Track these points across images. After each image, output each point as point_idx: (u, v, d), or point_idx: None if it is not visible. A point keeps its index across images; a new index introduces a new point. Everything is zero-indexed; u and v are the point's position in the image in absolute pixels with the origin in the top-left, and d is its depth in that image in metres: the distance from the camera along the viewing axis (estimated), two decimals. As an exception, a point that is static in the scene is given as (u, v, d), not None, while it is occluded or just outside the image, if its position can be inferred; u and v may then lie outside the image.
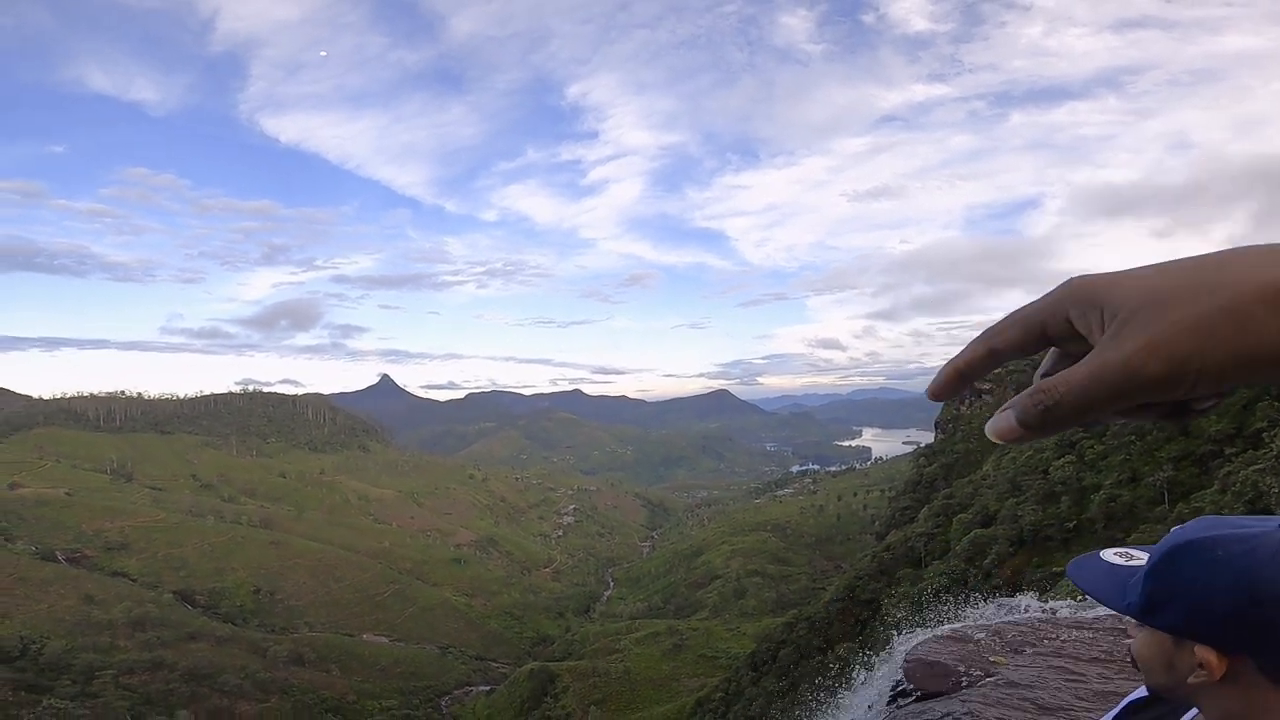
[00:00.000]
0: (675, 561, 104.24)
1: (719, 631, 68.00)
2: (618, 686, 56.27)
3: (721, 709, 43.57)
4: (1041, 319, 0.35)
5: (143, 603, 64.07)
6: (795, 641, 42.97)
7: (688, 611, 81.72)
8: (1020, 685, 3.12)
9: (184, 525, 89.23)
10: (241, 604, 74.09)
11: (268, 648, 58.50)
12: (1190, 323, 0.30)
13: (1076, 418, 0.33)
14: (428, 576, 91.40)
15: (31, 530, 79.09)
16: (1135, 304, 0.32)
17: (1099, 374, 0.32)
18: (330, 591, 79.78)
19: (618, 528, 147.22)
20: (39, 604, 59.98)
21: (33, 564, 68.12)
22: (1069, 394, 0.32)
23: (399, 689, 57.34)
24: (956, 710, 2.94)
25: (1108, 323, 0.32)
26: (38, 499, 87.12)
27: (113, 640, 54.77)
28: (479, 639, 75.42)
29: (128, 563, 77.66)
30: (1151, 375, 0.31)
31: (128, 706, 37.78)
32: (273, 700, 48.22)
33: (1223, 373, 0.31)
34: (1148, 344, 0.31)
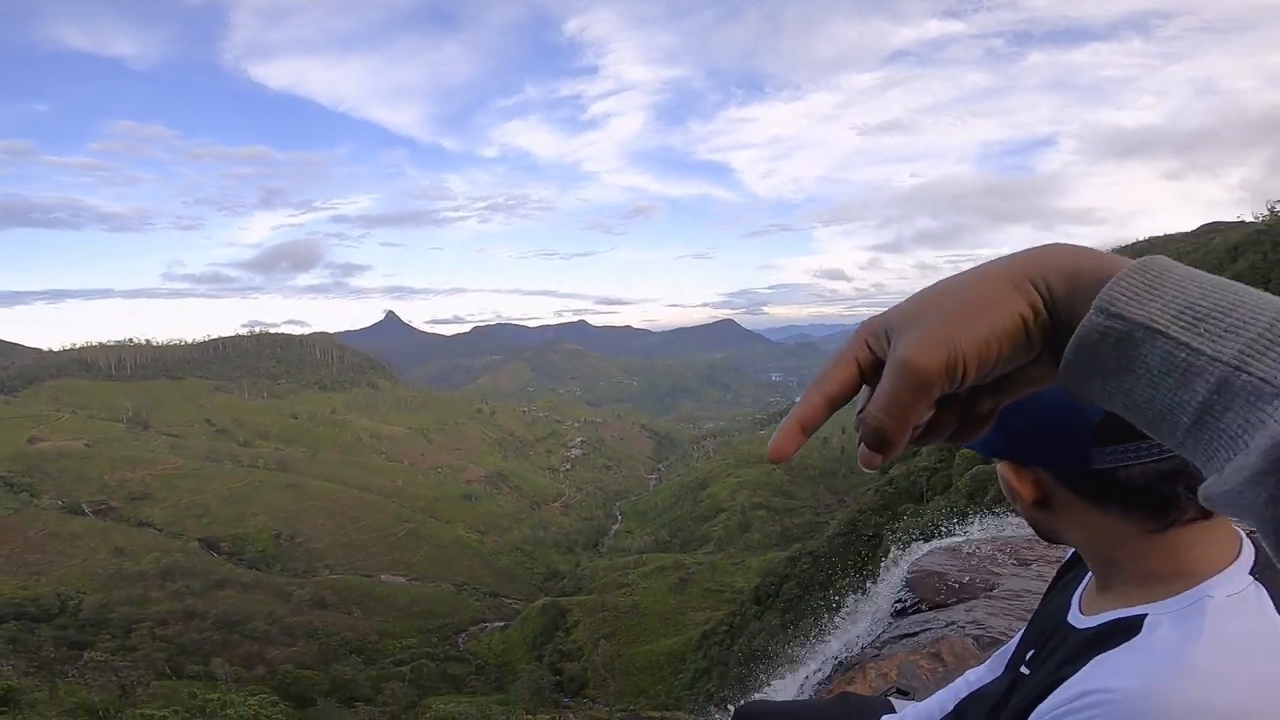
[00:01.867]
0: (681, 494, 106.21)
1: (724, 566, 69.62)
2: (626, 620, 58.17)
3: (726, 642, 44.81)
4: (853, 356, 0.39)
5: (170, 552, 66.74)
6: (798, 576, 43.70)
7: (694, 545, 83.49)
8: (1025, 595, 3.11)
9: (203, 471, 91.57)
10: (264, 549, 76.78)
11: (291, 592, 61.07)
12: (944, 317, 0.36)
13: (899, 427, 0.37)
14: (440, 514, 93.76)
15: (55, 484, 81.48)
16: (905, 318, 0.38)
17: (890, 380, 0.37)
18: (347, 533, 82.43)
19: (624, 460, 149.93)
20: (71, 559, 62.56)
21: (61, 518, 70.51)
22: (878, 410, 0.37)
23: (417, 627, 59.81)
24: (961, 619, 2.92)
25: (891, 340, 0.38)
26: (58, 452, 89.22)
27: (145, 592, 57.28)
28: (492, 575, 78.17)
29: (152, 512, 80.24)
30: (927, 364, 0.36)
31: (165, 658, 39.86)
32: (299, 644, 50.53)
33: (980, 355, 0.36)
34: (917, 341, 0.36)
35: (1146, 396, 0.33)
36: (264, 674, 39.06)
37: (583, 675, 49.64)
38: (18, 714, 13.83)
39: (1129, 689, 0.68)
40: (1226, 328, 0.31)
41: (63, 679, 17.07)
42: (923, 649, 2.76)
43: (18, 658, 25.41)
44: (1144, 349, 0.33)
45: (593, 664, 51.27)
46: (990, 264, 0.38)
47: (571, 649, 54.25)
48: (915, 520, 36.68)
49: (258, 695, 18.81)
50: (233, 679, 33.76)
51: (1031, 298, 0.36)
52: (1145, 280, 0.34)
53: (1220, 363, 0.30)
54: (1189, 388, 0.31)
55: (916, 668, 2.63)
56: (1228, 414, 0.30)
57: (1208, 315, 0.32)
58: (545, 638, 56.64)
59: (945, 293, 0.38)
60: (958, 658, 2.59)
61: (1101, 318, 0.33)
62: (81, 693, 16.71)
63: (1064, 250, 0.37)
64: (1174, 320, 0.32)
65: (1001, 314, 0.36)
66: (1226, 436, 0.30)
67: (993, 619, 2.89)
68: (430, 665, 48.94)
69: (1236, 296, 0.32)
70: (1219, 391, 0.30)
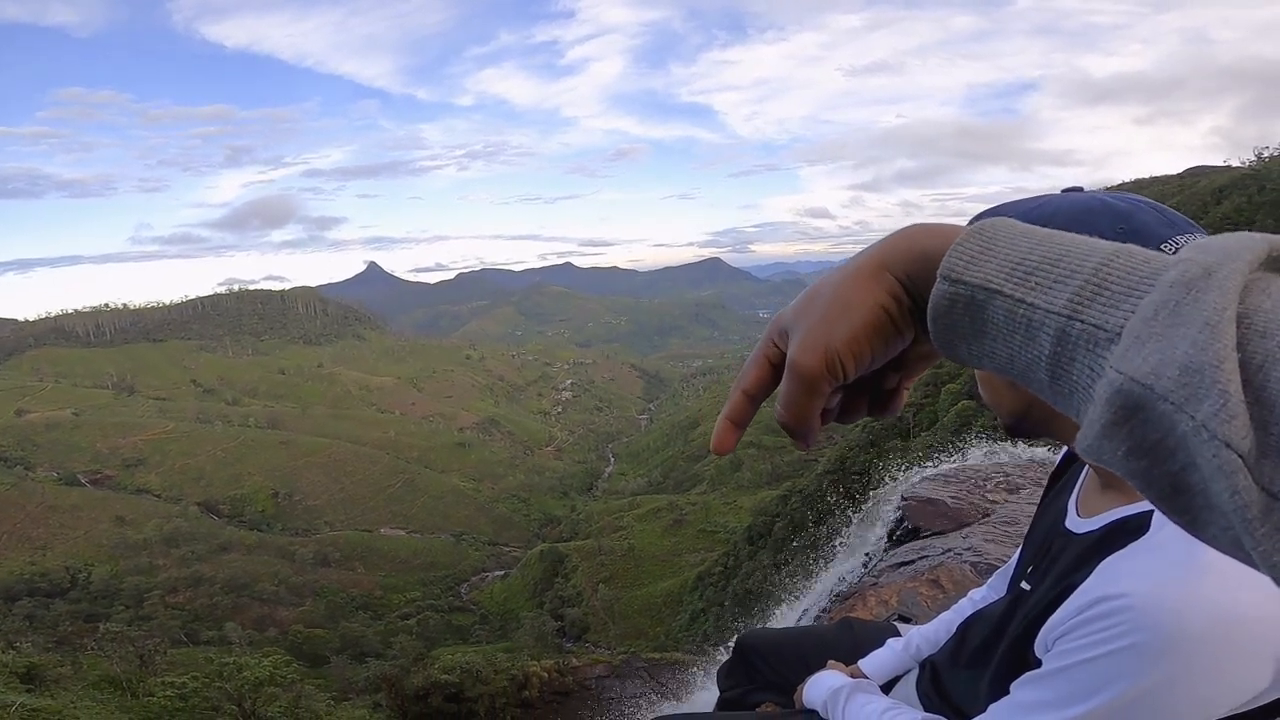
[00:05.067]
0: (673, 434, 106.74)
1: (716, 506, 70.49)
2: (623, 564, 59.01)
3: (721, 583, 45.65)
4: (765, 354, 0.42)
5: (171, 518, 67.31)
6: (789, 514, 43.75)
7: (686, 485, 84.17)
8: (1019, 522, 3.15)
9: (194, 434, 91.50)
10: (263, 509, 77.60)
11: (294, 551, 62.18)
12: (816, 319, 0.39)
13: (800, 422, 0.40)
14: (434, 463, 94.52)
15: (49, 455, 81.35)
16: (792, 320, 0.41)
17: (786, 381, 0.40)
18: (344, 488, 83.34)
19: (615, 401, 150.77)
20: (74, 531, 63.10)
21: (58, 490, 70.65)
22: (780, 408, 0.40)
23: (420, 580, 61.20)
24: (958, 546, 2.96)
25: (790, 339, 0.41)
26: (47, 423, 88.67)
27: (151, 560, 58.01)
28: (489, 524, 79.42)
29: (148, 478, 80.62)
30: (809, 365, 0.38)
31: (179, 625, 40.82)
32: (307, 603, 51.73)
33: (853, 351, 0.38)
34: (799, 344, 0.39)
35: (1006, 356, 0.34)
36: (276, 635, 40.07)
37: (584, 620, 51.07)
38: (44, 690, 14.38)
39: (1143, 592, 0.66)
40: (1055, 278, 0.31)
41: (83, 653, 17.53)
42: (921, 576, 2.79)
43: (36, 634, 25.89)
44: (988, 309, 0.33)
45: (593, 608, 52.69)
46: (855, 259, 0.40)
47: (571, 594, 55.30)
48: (902, 458, 37.86)
49: (272, 656, 19.45)
50: (246, 642, 34.75)
51: (890, 287, 0.38)
52: (980, 243, 0.35)
53: (1054, 313, 0.31)
54: (1035, 343, 0.32)
55: (916, 595, 2.66)
56: (1074, 365, 0.30)
57: (1037, 268, 0.32)
58: (545, 584, 57.77)
59: (819, 294, 0.40)
60: (956, 584, 2.63)
61: (945, 285, 0.35)
62: (104, 665, 17.26)
63: (915, 232, 0.39)
64: (1007, 278, 0.33)
65: (864, 310, 0.38)
66: (1080, 388, 0.30)
67: (989, 545, 2.93)
68: (435, 617, 50.50)
69: (1064, 246, 0.32)
70: (1060, 343, 0.30)
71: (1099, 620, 0.69)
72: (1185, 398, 0.25)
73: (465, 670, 24.47)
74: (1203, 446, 0.24)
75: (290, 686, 16.50)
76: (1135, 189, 57.29)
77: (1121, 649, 0.67)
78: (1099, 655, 0.69)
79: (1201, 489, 0.25)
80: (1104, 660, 0.68)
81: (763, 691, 1.58)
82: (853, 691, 1.25)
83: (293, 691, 16.55)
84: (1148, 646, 0.65)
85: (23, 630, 27.46)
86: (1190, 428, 0.25)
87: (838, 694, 1.26)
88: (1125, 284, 0.29)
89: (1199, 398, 0.25)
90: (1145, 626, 0.65)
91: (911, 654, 1.39)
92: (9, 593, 49.48)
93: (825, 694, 1.29)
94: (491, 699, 24.15)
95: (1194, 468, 0.25)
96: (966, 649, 1.08)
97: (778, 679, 1.56)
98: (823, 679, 1.35)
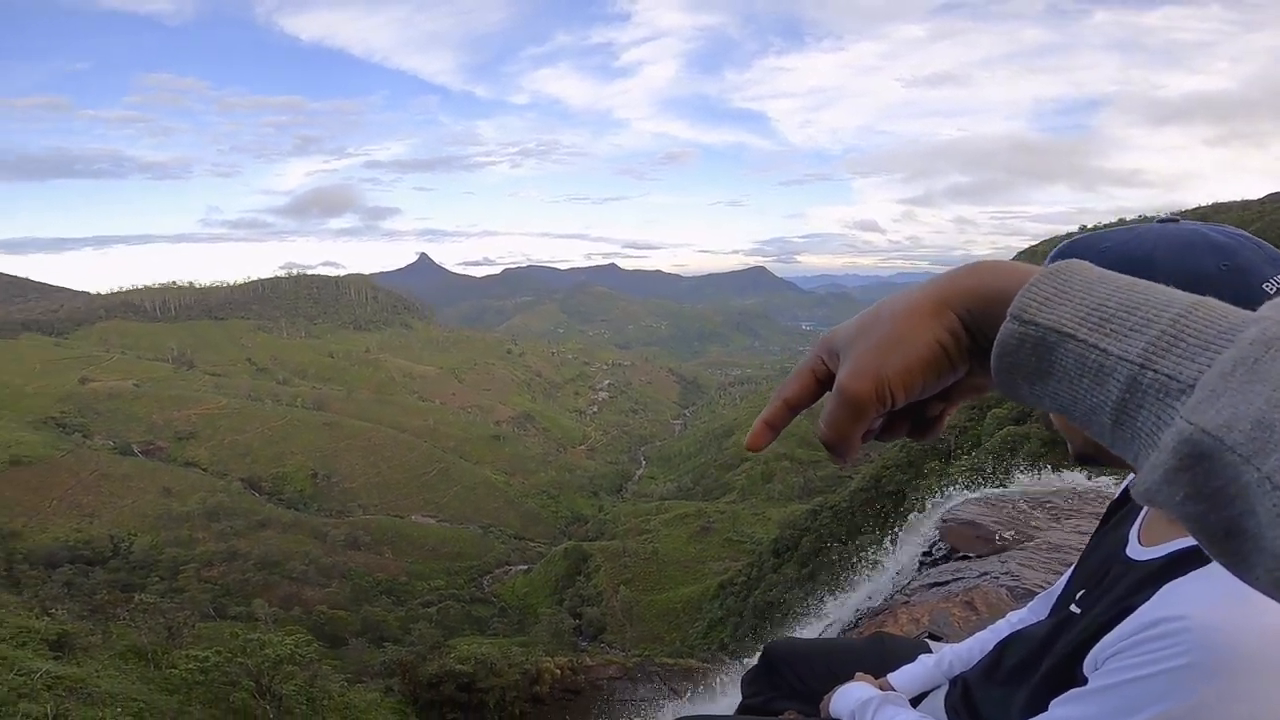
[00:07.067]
0: (706, 441, 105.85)
1: (745, 516, 69.68)
2: (646, 567, 58.78)
3: (743, 593, 45.18)
4: (811, 368, 0.45)
5: (215, 492, 69.57)
6: (818, 529, 43.18)
7: (716, 493, 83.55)
8: (1061, 550, 3.09)
9: (244, 410, 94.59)
10: (301, 489, 79.80)
11: (327, 532, 63.61)
12: (871, 346, 0.40)
13: (841, 441, 0.42)
14: (469, 454, 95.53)
15: (107, 424, 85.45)
16: (846, 342, 0.42)
17: (833, 402, 0.42)
18: (381, 473, 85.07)
19: (651, 404, 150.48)
20: (123, 500, 65.88)
21: (112, 459, 74.03)
22: (823, 425, 0.42)
23: (445, 569, 61.96)
24: (995, 570, 2.91)
25: (840, 360, 0.42)
26: (109, 392, 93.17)
27: (191, 533, 60.21)
28: (517, 518, 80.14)
29: (198, 452, 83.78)
30: (859, 391, 0.40)
31: (210, 599, 42.28)
32: (334, 584, 52.93)
33: (904, 383, 0.40)
34: (850, 369, 0.40)
35: (1070, 398, 0.34)
36: (301, 614, 41.03)
37: (601, 620, 51.11)
38: (71, 658, 14.81)
39: (1202, 616, 0.67)
40: (1131, 326, 0.32)
41: (115, 622, 17.95)
42: (955, 597, 2.74)
43: (73, 601, 26.71)
44: (1058, 352, 0.34)
45: (611, 609, 52.63)
46: (916, 291, 0.41)
47: (592, 594, 55.42)
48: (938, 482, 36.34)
49: (294, 635, 19.63)
50: (272, 620, 35.51)
51: (950, 324, 0.39)
52: (1055, 285, 0.35)
53: (1127, 361, 0.31)
54: (1103, 388, 0.32)
55: (949, 615, 2.62)
56: (1141, 412, 0.31)
57: (1114, 315, 0.33)
58: (567, 582, 58.01)
59: (877, 321, 0.41)
60: (991, 607, 2.57)
61: (1015, 325, 0.35)
62: (132, 635, 17.58)
63: (979, 269, 0.40)
64: (1081, 322, 0.33)
65: (920, 345, 0.39)
66: (1144, 434, 0.31)
67: (1028, 571, 2.85)
68: (456, 607, 51.17)
69: (1142, 295, 0.33)
70: (1130, 390, 0.31)
71: (1155, 640, 0.69)
72: (1254, 451, 0.26)
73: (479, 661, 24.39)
74: (1265, 497, 0.25)
75: (308, 665, 16.71)
76: (1214, 214, 53.98)
77: (1174, 668, 0.67)
78: (1150, 674, 0.69)
79: (1255, 534, 0.26)
80: (1154, 679, 0.68)
81: (786, 700, 1.57)
82: (881, 703, 1.24)
83: (309, 671, 16.76)
84: (1200, 666, 0.66)
85: (60, 597, 28.53)
86: (1255, 479, 0.26)
87: (866, 705, 1.26)
88: (1203, 337, 0.30)
89: (1267, 452, 0.26)
90: (1200, 647, 0.65)
91: (944, 670, 1.38)
92: (52, 559, 51.96)
93: (853, 704, 1.29)
94: (502, 691, 23.99)
95: (1251, 515, 0.26)
96: (1003, 667, 1.07)
97: (803, 688, 1.55)
98: (851, 690, 1.35)
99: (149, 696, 13.87)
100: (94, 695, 11.81)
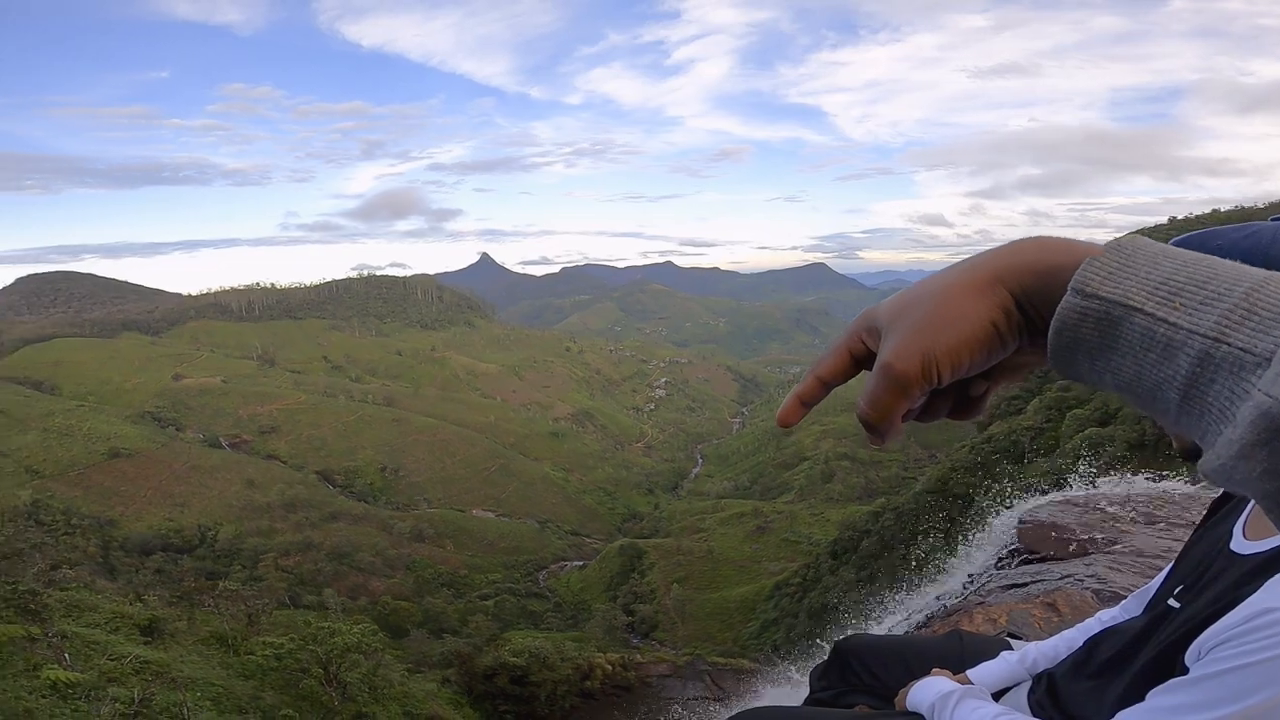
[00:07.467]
0: (764, 440, 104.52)
1: (803, 516, 68.69)
2: (700, 566, 58.62)
3: (798, 594, 45.05)
4: (847, 346, 0.44)
5: (293, 484, 73.64)
6: (879, 532, 42.89)
7: (774, 493, 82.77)
8: (1150, 554, 2.98)
9: (320, 406, 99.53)
10: (371, 482, 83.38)
11: (394, 525, 66.19)
12: (914, 324, 0.39)
13: (882, 420, 0.41)
14: (529, 451, 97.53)
15: (197, 418, 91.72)
16: (888, 319, 0.41)
17: (874, 380, 0.41)
18: (445, 467, 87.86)
19: (708, 402, 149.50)
20: (210, 490, 70.57)
21: (202, 451, 79.61)
22: (864, 404, 0.41)
23: (502, 563, 63.53)
24: (1079, 572, 2.83)
25: (881, 338, 0.41)
26: (199, 388, 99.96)
27: (270, 523, 63.85)
28: (574, 514, 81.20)
29: (278, 445, 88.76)
30: (905, 370, 0.39)
31: (285, 588, 44.60)
32: (398, 576, 55.26)
33: (952, 362, 0.39)
34: (895, 347, 0.39)
35: (1134, 374, 0.33)
36: (367, 604, 43.00)
37: (654, 617, 51.14)
38: (159, 643, 16.10)
39: None
40: (1202, 300, 0.31)
41: (200, 608, 19.34)
42: (1035, 599, 2.68)
43: (163, 588, 28.62)
44: (1123, 326, 0.33)
45: (664, 607, 52.62)
46: (963, 267, 0.40)
47: (645, 591, 55.56)
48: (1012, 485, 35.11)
49: (360, 625, 20.76)
50: (341, 609, 37.26)
51: (1003, 301, 0.38)
52: (1119, 259, 0.35)
53: (1199, 335, 0.30)
54: (1172, 362, 0.31)
55: (1029, 616, 2.57)
56: (1213, 386, 0.30)
57: (1183, 289, 0.32)
58: (621, 578, 58.38)
59: (922, 298, 0.41)
60: (1075, 609, 2.50)
61: (1078, 298, 0.35)
62: (215, 621, 18.69)
63: (1032, 245, 0.39)
64: (1150, 295, 0.33)
65: (971, 322, 0.38)
66: (1215, 410, 0.30)
67: (1115, 574, 2.77)
68: (512, 600, 52.36)
69: (1211, 269, 0.32)
70: (1201, 364, 0.30)
71: (1261, 630, 0.69)
72: None
73: (533, 655, 25.06)
74: None
75: (372, 654, 17.66)
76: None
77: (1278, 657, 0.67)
78: (1255, 662, 0.69)
79: None
80: (1259, 667, 0.68)
81: (857, 694, 1.56)
82: (963, 696, 1.23)
83: (373, 660, 17.70)
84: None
85: (152, 584, 30.77)
86: None
87: (947, 698, 1.24)
88: (1277, 311, 0.29)
89: None
90: None
91: (1027, 666, 1.37)
92: (146, 546, 56.27)
93: (933, 697, 1.27)
94: (554, 685, 24.59)
95: None
96: (1095, 661, 1.06)
97: (875, 683, 1.53)
98: (930, 683, 1.34)
99: (227, 681, 14.96)
100: (177, 680, 12.85)
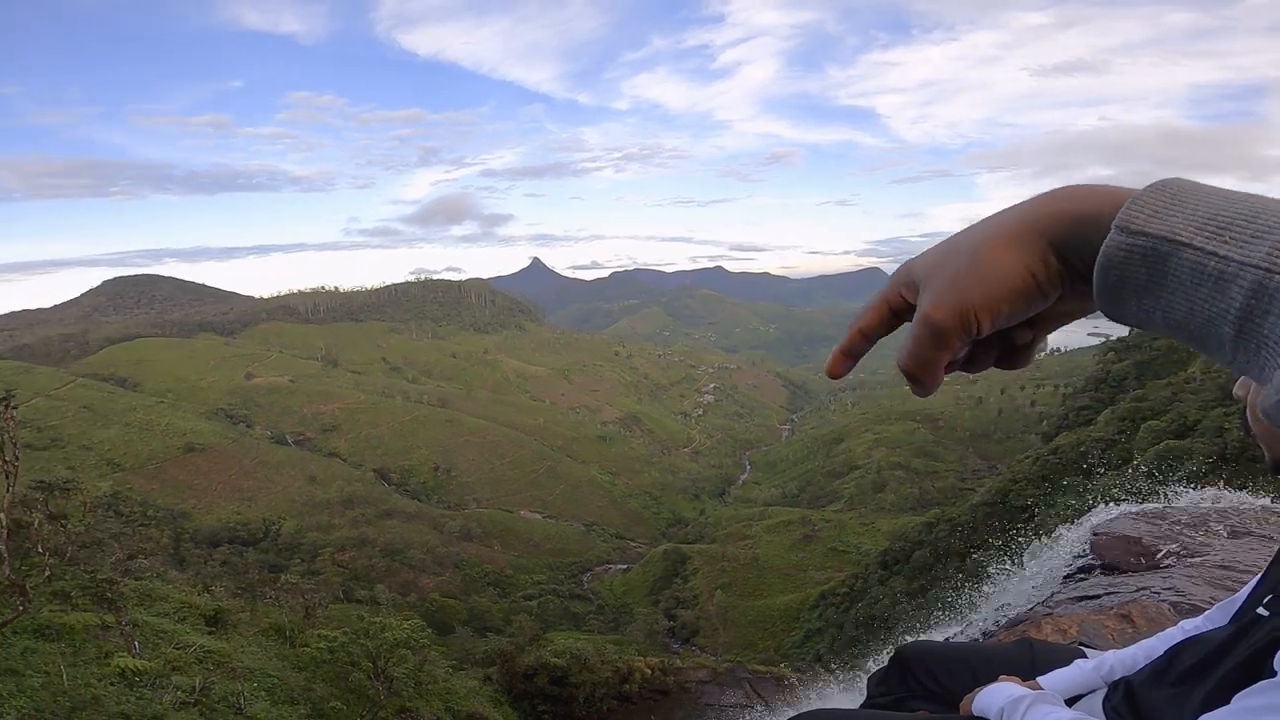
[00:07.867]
0: (814, 448, 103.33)
1: (852, 525, 67.65)
2: (745, 573, 58.15)
3: (845, 604, 44.09)
4: (886, 299, 0.46)
5: (351, 481, 76.77)
6: (933, 543, 41.91)
7: (823, 501, 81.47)
8: (1233, 567, 2.89)
9: (379, 406, 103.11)
10: (424, 481, 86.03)
11: (444, 524, 68.07)
12: (951, 276, 0.40)
13: (924, 371, 0.43)
14: (576, 454, 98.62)
15: (265, 416, 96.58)
16: (925, 272, 0.42)
17: (914, 332, 0.42)
18: (494, 468, 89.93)
19: (757, 408, 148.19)
20: (275, 485, 74.18)
21: (269, 448, 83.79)
22: (905, 356, 0.43)
23: (547, 564, 64.53)
24: (1155, 585, 2.76)
25: (919, 290, 0.43)
26: (269, 387, 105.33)
27: (329, 519, 66.58)
28: (620, 517, 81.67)
29: (339, 443, 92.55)
30: (943, 320, 0.40)
31: (341, 582, 46.42)
32: (446, 574, 56.89)
33: (990, 311, 0.40)
34: (932, 300, 0.41)
35: (1185, 310, 0.33)
36: (416, 601, 44.40)
37: (695, 623, 51.00)
38: (222, 633, 17.19)
39: None
40: (1253, 233, 0.31)
41: (262, 600, 20.37)
42: (1108, 610, 2.63)
43: (228, 579, 30.05)
44: (1172, 262, 0.33)
45: (706, 613, 52.38)
46: (1000, 218, 0.41)
47: (688, 596, 55.55)
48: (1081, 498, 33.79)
49: (410, 621, 21.55)
50: (391, 605, 38.48)
51: (1042, 250, 0.39)
52: (1164, 197, 0.35)
53: (1252, 266, 0.30)
54: (1225, 295, 0.31)
55: (1102, 628, 2.51)
56: (1268, 318, 0.30)
57: (1231, 223, 0.32)
58: (664, 583, 58.45)
59: (959, 249, 0.41)
60: (1151, 621, 2.44)
61: (1123, 236, 0.35)
62: (274, 613, 19.70)
63: (1068, 193, 0.40)
64: (1198, 230, 0.33)
65: (1009, 273, 0.39)
66: (1272, 342, 0.30)
67: (1194, 587, 2.69)
68: (555, 601, 53.14)
69: (1259, 204, 0.33)
70: (1256, 296, 0.30)
71: None
72: None
73: (574, 656, 25.54)
74: None
75: (419, 650, 18.40)
76: None
77: None
78: None
79: None
80: None
81: (917, 700, 1.54)
82: (1035, 701, 1.20)
83: (420, 655, 18.43)
84: None
85: (219, 575, 32.49)
86: None
87: (1018, 702, 1.21)
88: None
89: None
90: None
91: (1103, 674, 1.35)
92: (214, 538, 59.57)
93: (1003, 701, 1.25)
94: (593, 688, 24.98)
95: None
96: (1177, 668, 1.03)
97: (938, 689, 1.51)
98: (1000, 688, 1.31)
99: (282, 673, 15.87)
100: (236, 670, 13.77)
